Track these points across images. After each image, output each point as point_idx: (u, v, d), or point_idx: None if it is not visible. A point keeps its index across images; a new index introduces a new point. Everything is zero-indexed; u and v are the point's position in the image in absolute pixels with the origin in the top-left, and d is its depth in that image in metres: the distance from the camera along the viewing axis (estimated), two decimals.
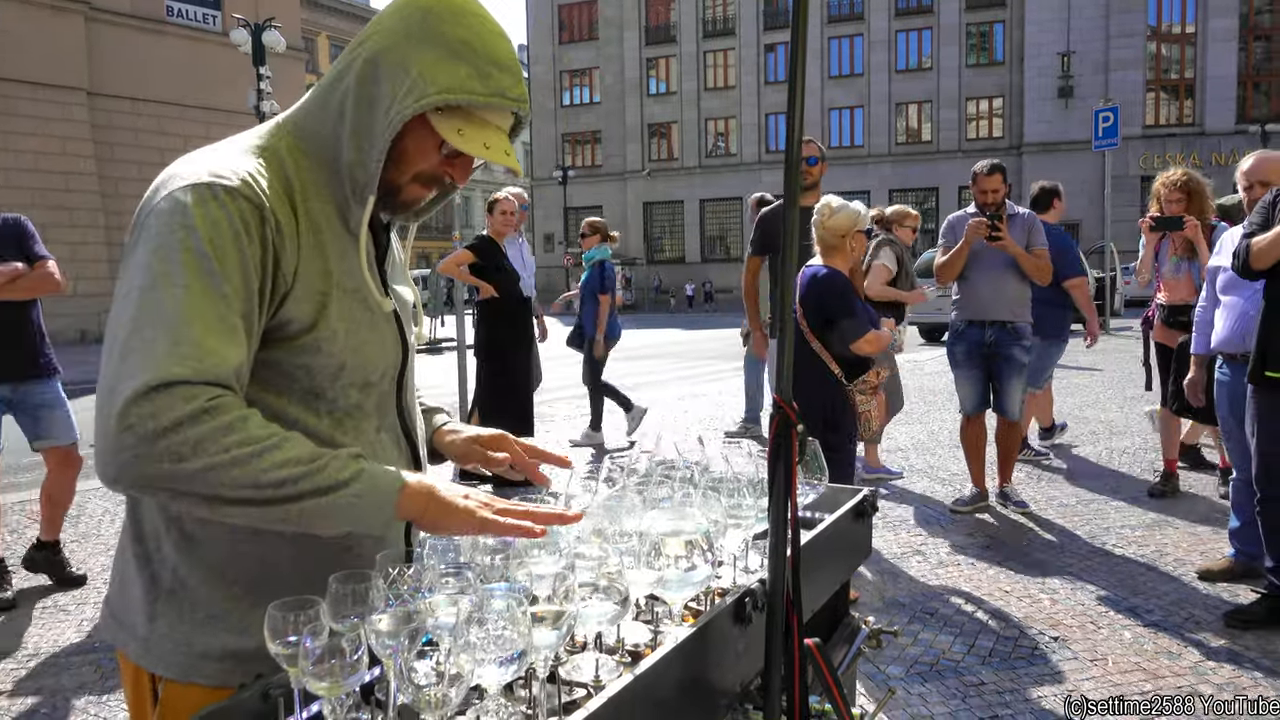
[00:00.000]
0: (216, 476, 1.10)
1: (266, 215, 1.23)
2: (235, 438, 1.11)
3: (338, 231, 1.34)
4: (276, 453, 1.12)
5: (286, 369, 1.29)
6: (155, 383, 1.09)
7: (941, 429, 8.45)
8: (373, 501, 1.16)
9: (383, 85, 1.28)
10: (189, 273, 1.16)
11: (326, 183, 1.33)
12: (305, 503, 1.13)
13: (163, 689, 1.31)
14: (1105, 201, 20.08)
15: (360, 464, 1.18)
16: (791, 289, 1.44)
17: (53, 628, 4.20)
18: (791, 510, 1.39)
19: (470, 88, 1.28)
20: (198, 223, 1.18)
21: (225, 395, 1.14)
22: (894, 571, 4.68)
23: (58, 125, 24.39)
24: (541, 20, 48.94)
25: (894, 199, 43.87)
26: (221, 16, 27.95)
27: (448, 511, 1.20)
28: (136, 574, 1.33)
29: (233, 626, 1.29)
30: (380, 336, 1.39)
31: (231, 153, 1.29)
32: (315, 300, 1.28)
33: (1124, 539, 5.11)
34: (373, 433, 1.40)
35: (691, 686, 1.32)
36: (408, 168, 1.34)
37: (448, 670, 0.99)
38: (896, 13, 43.21)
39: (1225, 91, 38.09)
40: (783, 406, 1.39)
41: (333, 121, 1.32)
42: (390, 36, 1.30)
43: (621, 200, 47.85)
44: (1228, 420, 4.42)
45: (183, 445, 1.08)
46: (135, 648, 1.33)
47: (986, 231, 5.31)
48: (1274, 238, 3.60)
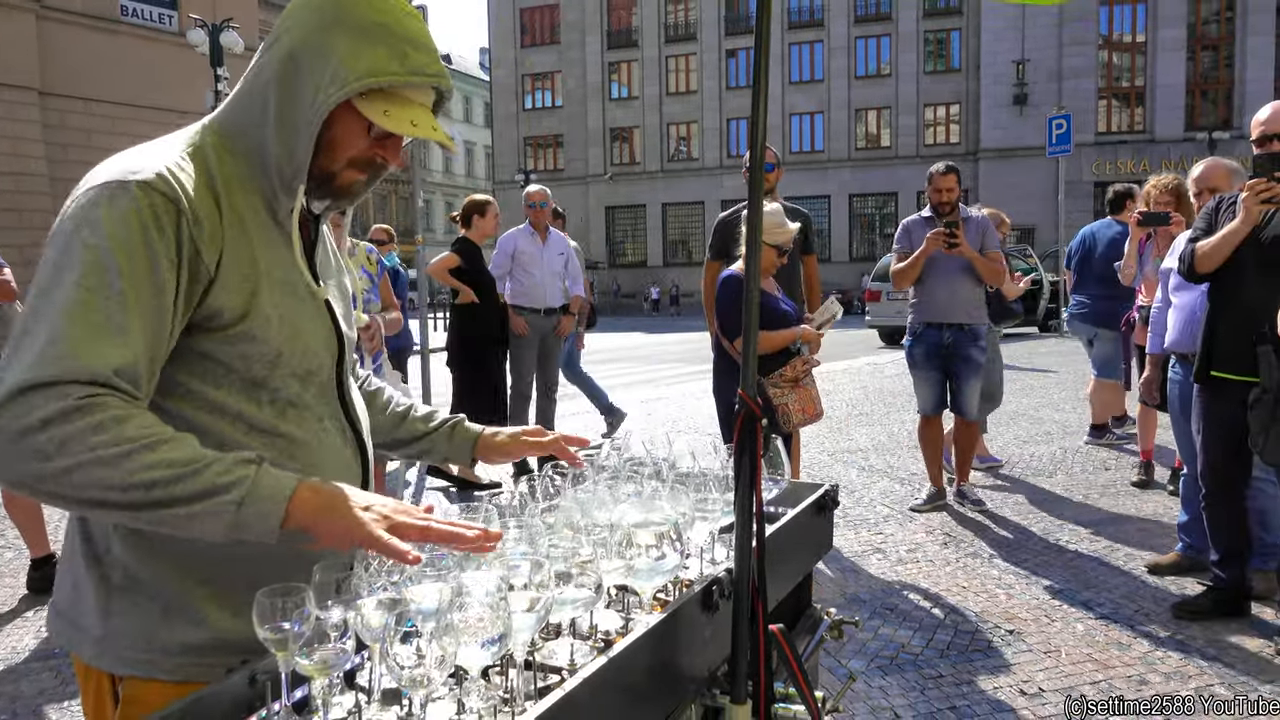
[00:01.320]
0: (82, 476, 1.06)
1: (183, 208, 1.22)
2: (104, 437, 1.07)
3: (265, 223, 1.34)
4: (148, 454, 1.08)
5: (223, 359, 1.29)
6: (24, 384, 1.08)
7: (901, 430, 8.58)
8: (255, 510, 1.11)
9: (304, 77, 1.29)
10: (83, 270, 1.14)
11: (252, 176, 1.34)
12: (178, 509, 1.09)
13: (123, 688, 1.29)
14: (1059, 207, 20.49)
15: (247, 470, 1.13)
16: (755, 291, 1.50)
17: (11, 634, 4.15)
18: (756, 501, 1.45)
19: (390, 69, 1.29)
20: (103, 220, 1.17)
21: (101, 394, 1.10)
22: (855, 569, 4.77)
23: (7, 125, 23.87)
24: (503, 23, 48.83)
25: (854, 204, 44.44)
26: (178, 16, 27.55)
27: (337, 522, 1.14)
28: (86, 573, 1.31)
29: (191, 619, 1.28)
30: (315, 326, 1.39)
31: (153, 150, 1.29)
32: (244, 290, 1.28)
33: (1077, 535, 5.24)
34: (315, 422, 1.40)
35: (661, 671, 1.37)
36: (339, 154, 1.35)
37: (431, 652, 1.03)
38: (856, 19, 43.70)
39: (1174, 99, 38.99)
40: (747, 402, 1.45)
41: (256, 116, 1.33)
42: (305, 27, 1.31)
43: (584, 204, 47.84)
44: (1178, 418, 4.57)
45: (48, 444, 1.06)
46: (90, 649, 1.31)
47: (945, 241, 5.42)
48: (1216, 242, 3.74)
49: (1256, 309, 3.58)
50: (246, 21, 27.53)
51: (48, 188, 24.73)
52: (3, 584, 4.81)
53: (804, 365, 4.37)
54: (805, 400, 4.34)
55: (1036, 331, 20.80)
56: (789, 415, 4.29)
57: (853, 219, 44.72)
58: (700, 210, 45.70)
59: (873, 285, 19.15)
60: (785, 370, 4.33)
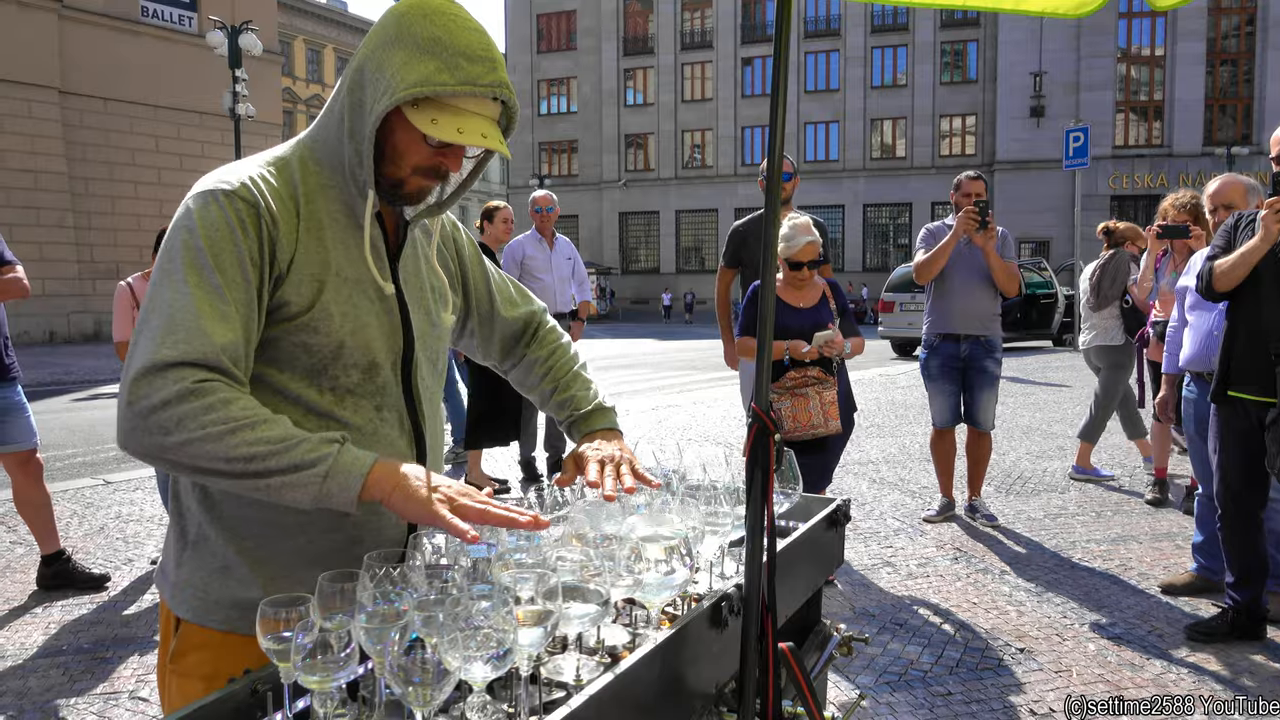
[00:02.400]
0: (195, 449, 1.24)
1: (262, 213, 1.37)
2: (213, 416, 1.24)
3: (346, 226, 1.48)
4: (249, 432, 1.25)
5: (287, 347, 1.42)
6: (149, 365, 1.25)
7: (913, 443, 8.54)
8: (337, 483, 1.26)
9: (366, 89, 1.41)
10: (185, 269, 1.32)
11: (335, 183, 1.48)
12: (272, 479, 1.25)
13: (181, 630, 1.47)
14: (1075, 220, 20.39)
15: (331, 448, 1.28)
16: (771, 300, 1.48)
17: (20, 630, 4.15)
18: (768, 516, 1.43)
19: (438, 79, 1.37)
20: (198, 224, 1.35)
21: (212, 378, 1.27)
22: (864, 583, 4.73)
23: (27, 123, 24.05)
24: (520, 29, 49.02)
25: (868, 214, 44.38)
26: (197, 18, 27.74)
27: (408, 498, 1.28)
28: (173, 526, 1.51)
29: (243, 578, 1.43)
30: (381, 322, 1.50)
31: (244, 164, 1.45)
32: (311, 287, 1.41)
33: (1089, 553, 5.19)
34: (373, 411, 1.50)
35: (668, 688, 1.35)
36: (403, 162, 1.45)
37: (435, 666, 1.02)
38: (873, 29, 43.70)
39: (1193, 114, 38.84)
40: (760, 415, 1.43)
41: (334, 127, 1.47)
42: (372, 45, 1.43)
43: (597, 210, 47.93)
44: (1194, 437, 4.52)
45: (168, 421, 1.23)
46: (168, 592, 1.50)
47: (975, 222, 5.34)
48: (1235, 260, 3.70)
49: (1275, 328, 3.54)
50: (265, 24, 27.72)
51: (66, 186, 24.91)
52: (13, 579, 4.83)
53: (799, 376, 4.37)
54: (800, 410, 4.33)
55: (1050, 345, 20.72)
56: (780, 422, 4.31)
57: (866, 229, 44.67)
58: (714, 217, 45.73)
59: (886, 296, 19.08)
60: (784, 380, 4.37)
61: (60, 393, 14.12)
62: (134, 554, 5.29)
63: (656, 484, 1.61)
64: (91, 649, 3.94)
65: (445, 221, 1.75)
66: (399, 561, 1.20)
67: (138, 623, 4.24)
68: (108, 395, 13.94)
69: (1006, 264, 5.50)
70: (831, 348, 4.30)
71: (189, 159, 27.33)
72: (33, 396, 4.77)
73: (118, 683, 3.60)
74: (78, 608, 4.43)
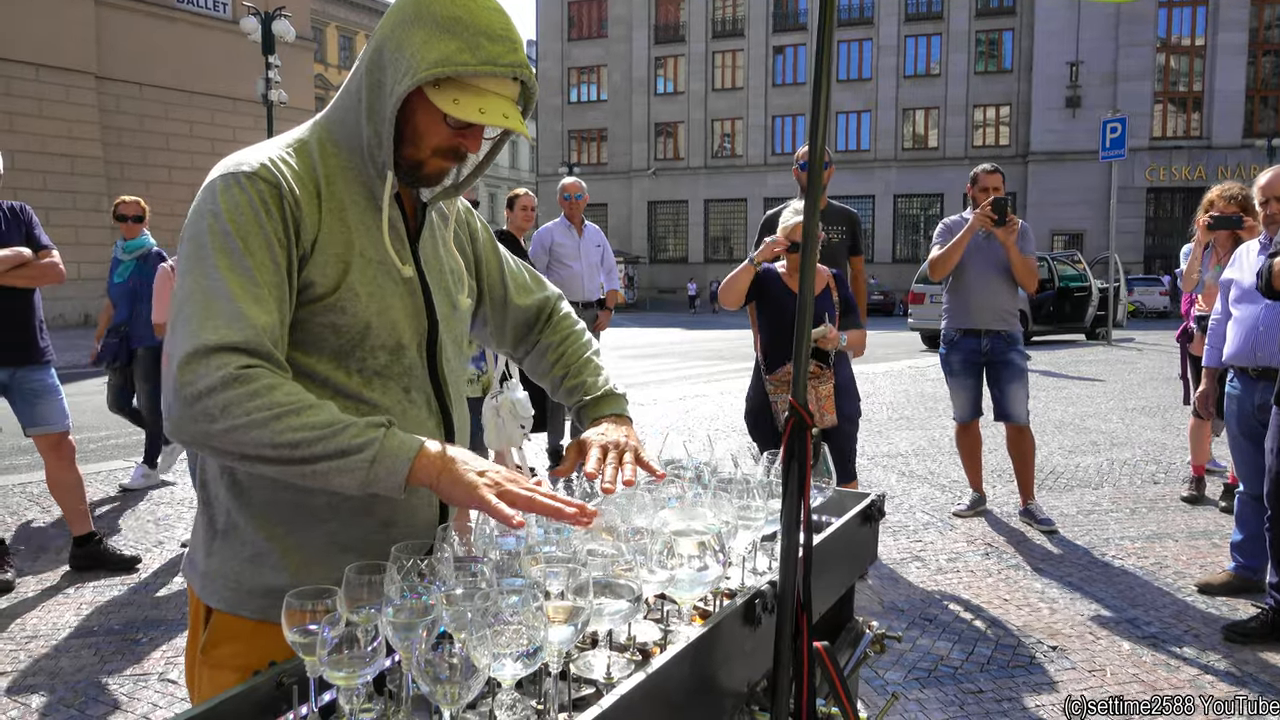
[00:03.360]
0: (239, 436, 1.22)
1: (284, 193, 1.36)
2: (258, 402, 1.23)
3: (366, 208, 1.46)
4: (294, 418, 1.24)
5: (314, 329, 1.41)
6: (192, 350, 1.24)
7: (943, 436, 8.45)
8: (384, 468, 1.25)
9: (386, 70, 1.40)
10: (216, 253, 1.31)
11: (354, 165, 1.46)
12: (319, 465, 1.24)
13: (213, 619, 1.46)
14: (1111, 212, 20.06)
15: (377, 432, 1.27)
16: (810, 291, 1.44)
17: (53, 610, 4.20)
18: (805, 512, 1.39)
19: (459, 59, 1.35)
20: (222, 208, 1.33)
21: (255, 363, 1.26)
22: (893, 577, 4.68)
23: (64, 108, 24.38)
24: (550, 17, 48.94)
25: (899, 204, 44.00)
26: (231, 4, 27.95)
27: (455, 483, 1.27)
28: (200, 516, 1.50)
29: (275, 565, 1.42)
30: (405, 304, 1.49)
31: (263, 146, 1.44)
32: (337, 266, 1.40)
33: (1124, 550, 5.11)
34: (401, 393, 1.49)
35: (700, 686, 1.32)
36: (423, 143, 1.44)
37: (464, 663, 0.99)
38: (906, 18, 43.22)
39: (1233, 105, 38.11)
40: (798, 409, 1.39)
41: (353, 108, 1.45)
42: (391, 24, 1.41)
43: (626, 198, 47.85)
44: (1235, 434, 4.42)
45: (214, 408, 1.22)
46: (198, 582, 1.49)
47: (990, 218, 5.25)
48: None
49: None
50: (299, 10, 27.86)
51: (102, 170, 25.23)
52: (46, 560, 4.88)
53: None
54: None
55: (1083, 339, 20.45)
56: (778, 413, 4.29)
57: (897, 219, 44.28)
58: (743, 207, 45.51)
59: (916, 287, 18.89)
60: (778, 373, 4.35)
61: (94, 375, 14.27)
62: (165, 536, 5.34)
63: (661, 474, 1.56)
64: (122, 630, 3.98)
65: (460, 207, 1.73)
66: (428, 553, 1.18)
67: (168, 605, 4.28)
68: None
69: (1026, 259, 5.39)
70: (826, 343, 4.24)
71: (222, 144, 27.55)
72: (66, 379, 4.82)
73: (148, 664, 3.63)
74: (109, 589, 4.48)
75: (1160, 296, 32.70)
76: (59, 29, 24.02)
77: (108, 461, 7.41)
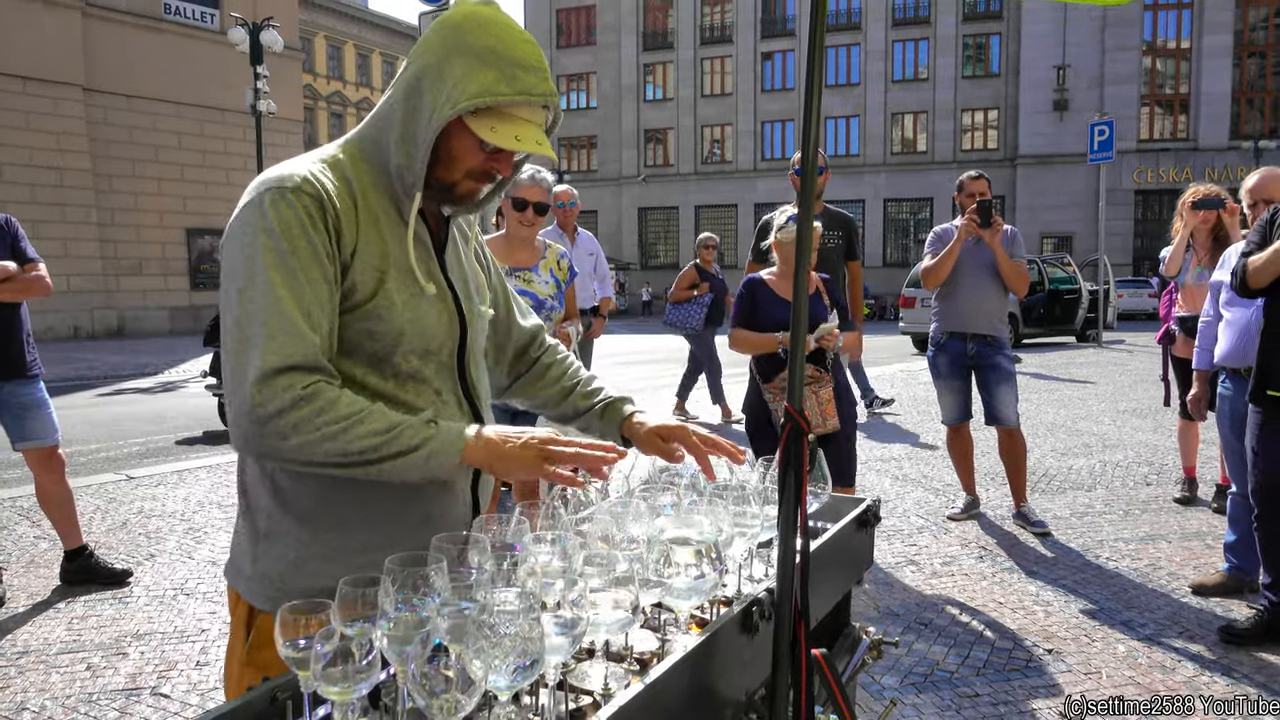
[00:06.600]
0: (312, 449, 1.35)
1: (326, 205, 1.43)
2: (326, 418, 1.34)
3: (395, 221, 1.54)
4: (359, 427, 1.36)
5: (352, 334, 1.48)
6: (261, 374, 1.34)
7: (936, 439, 8.45)
8: (441, 460, 1.40)
9: (425, 96, 1.47)
10: (270, 270, 1.38)
11: (382, 183, 1.54)
12: (384, 465, 1.37)
13: (258, 621, 1.53)
14: (1099, 214, 20.14)
15: (430, 430, 1.40)
16: (804, 296, 1.43)
17: (43, 625, 4.17)
18: (801, 519, 1.38)
19: (498, 90, 1.45)
20: (273, 223, 1.40)
21: (315, 380, 1.36)
22: (888, 581, 4.67)
23: (51, 121, 24.26)
24: (539, 24, 48.96)
25: (888, 209, 44.10)
26: (219, 15, 27.88)
27: (504, 459, 1.42)
28: (243, 522, 1.57)
29: (318, 565, 1.50)
30: (437, 311, 1.57)
31: (298, 161, 1.51)
32: (374, 275, 1.48)
33: (1117, 552, 5.11)
34: (433, 395, 1.58)
35: (698, 696, 1.31)
36: (457, 167, 1.53)
37: (460, 676, 0.98)
38: (894, 23, 43.36)
39: (1219, 107, 38.30)
40: (793, 415, 1.39)
41: (386, 131, 1.53)
42: (430, 52, 1.49)
43: (617, 205, 47.86)
44: (1228, 436, 4.43)
45: (285, 427, 1.34)
46: (243, 585, 1.56)
47: (976, 224, 5.28)
48: (1270, 256, 3.61)
49: None
50: (287, 20, 27.82)
51: (90, 182, 25.11)
52: (37, 574, 4.84)
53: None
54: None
55: (1074, 341, 20.51)
56: (777, 421, 4.26)
57: (887, 224, 44.36)
58: (733, 213, 45.55)
59: (907, 291, 18.93)
60: (776, 380, 4.34)
61: (84, 388, 14.23)
62: (156, 549, 5.30)
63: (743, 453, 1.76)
64: (113, 644, 3.94)
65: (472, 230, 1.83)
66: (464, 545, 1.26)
67: (160, 618, 4.25)
68: (131, 390, 14.04)
69: (1015, 263, 5.41)
70: (829, 340, 4.21)
71: (211, 155, 27.52)
72: (56, 392, 4.78)
73: (139, 679, 3.60)
74: (100, 603, 4.44)
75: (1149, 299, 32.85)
76: (46, 41, 23.93)
77: (98, 475, 7.36)
